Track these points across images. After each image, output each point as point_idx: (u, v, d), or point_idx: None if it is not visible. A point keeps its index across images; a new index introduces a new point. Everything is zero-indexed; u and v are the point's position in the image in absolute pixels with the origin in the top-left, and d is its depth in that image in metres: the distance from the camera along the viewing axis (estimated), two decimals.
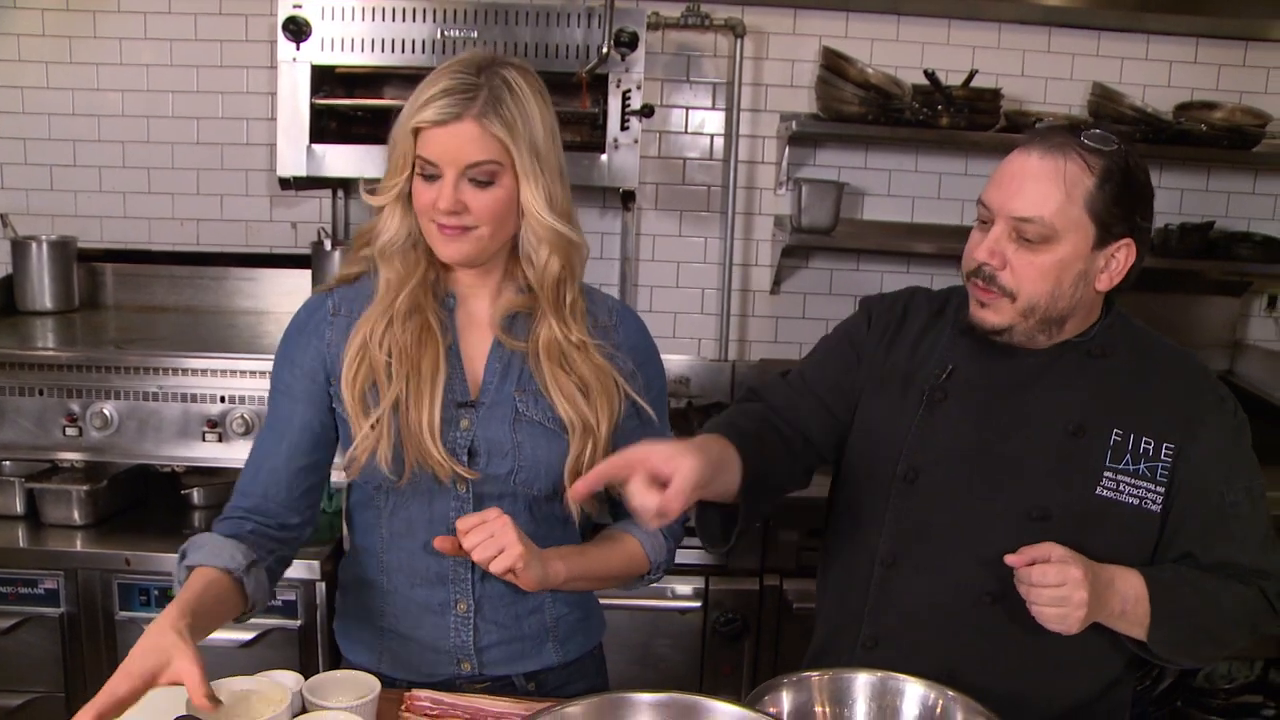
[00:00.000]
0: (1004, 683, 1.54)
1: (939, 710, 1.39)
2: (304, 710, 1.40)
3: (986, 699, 1.35)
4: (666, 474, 1.32)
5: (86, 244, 3.11)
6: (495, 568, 1.39)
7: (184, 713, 1.24)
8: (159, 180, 3.21)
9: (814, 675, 1.43)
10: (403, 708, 1.47)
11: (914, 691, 1.40)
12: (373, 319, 1.52)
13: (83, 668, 2.47)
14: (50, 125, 3.16)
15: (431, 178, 1.47)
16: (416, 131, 1.46)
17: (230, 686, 1.38)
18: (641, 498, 1.32)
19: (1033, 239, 1.49)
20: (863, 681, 1.43)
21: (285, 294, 3.13)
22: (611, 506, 1.69)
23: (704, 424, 1.75)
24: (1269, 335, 3.47)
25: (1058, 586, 1.42)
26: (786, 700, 1.40)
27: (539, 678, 1.64)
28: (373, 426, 1.49)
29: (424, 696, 1.49)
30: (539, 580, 1.45)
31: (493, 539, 1.39)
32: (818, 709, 1.41)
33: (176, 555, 1.49)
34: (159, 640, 1.28)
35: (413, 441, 1.49)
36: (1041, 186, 1.48)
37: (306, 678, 1.46)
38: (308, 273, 2.95)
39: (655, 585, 2.43)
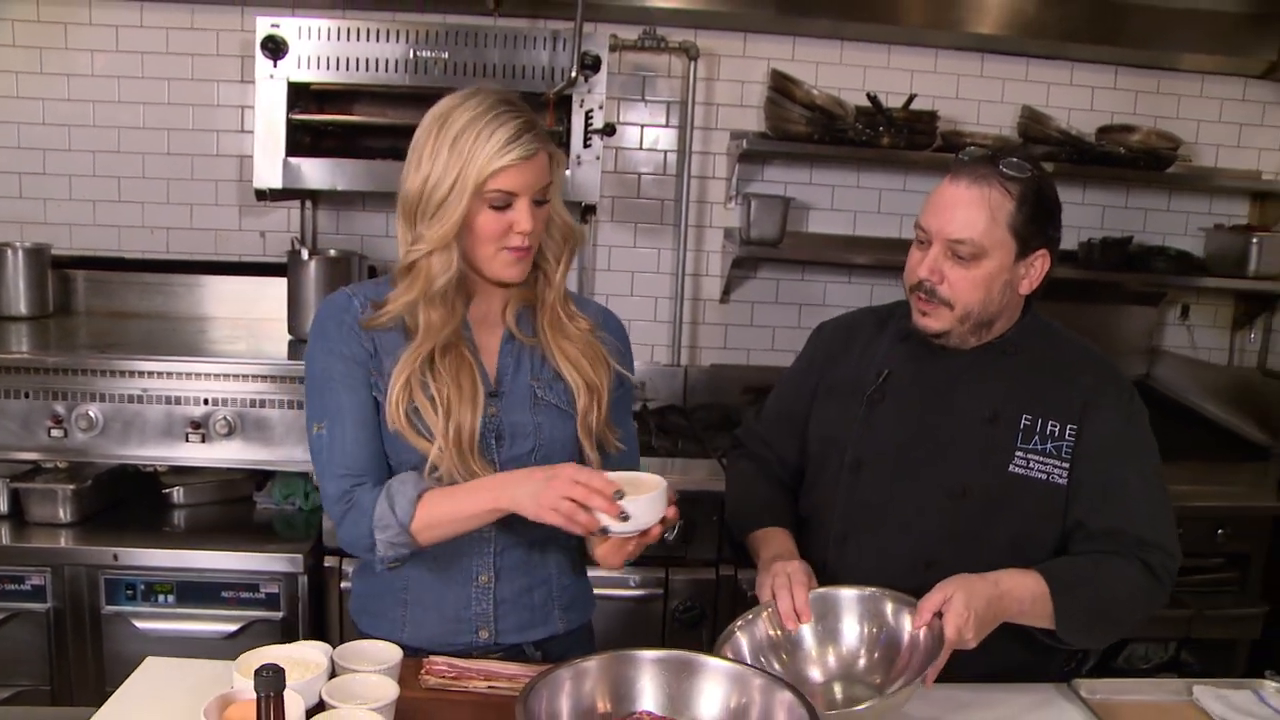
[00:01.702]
0: None
1: (872, 606, 1.68)
2: (334, 675, 1.52)
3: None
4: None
5: (57, 251, 3.15)
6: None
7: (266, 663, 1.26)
8: (129, 189, 3.27)
9: (755, 616, 1.70)
10: (423, 671, 1.62)
11: (848, 595, 1.70)
12: (415, 359, 1.62)
13: (69, 661, 2.54)
14: (20, 134, 3.22)
15: (502, 207, 1.59)
16: (493, 172, 1.56)
17: (621, 476, 1.52)
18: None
19: (965, 256, 1.73)
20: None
21: (254, 301, 3.21)
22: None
23: (729, 486, 2.11)
24: (1182, 342, 3.73)
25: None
26: (744, 641, 1.66)
27: (545, 646, 1.79)
28: (440, 450, 1.62)
29: (441, 661, 1.64)
30: None
31: None
32: (770, 633, 1.68)
33: (384, 504, 1.60)
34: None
35: (456, 454, 1.62)
36: (970, 212, 1.73)
37: None
38: (277, 280, 2.99)
39: (618, 575, 2.62)
